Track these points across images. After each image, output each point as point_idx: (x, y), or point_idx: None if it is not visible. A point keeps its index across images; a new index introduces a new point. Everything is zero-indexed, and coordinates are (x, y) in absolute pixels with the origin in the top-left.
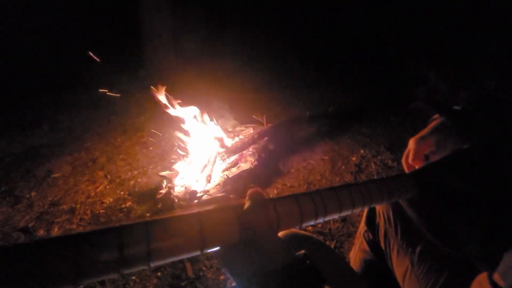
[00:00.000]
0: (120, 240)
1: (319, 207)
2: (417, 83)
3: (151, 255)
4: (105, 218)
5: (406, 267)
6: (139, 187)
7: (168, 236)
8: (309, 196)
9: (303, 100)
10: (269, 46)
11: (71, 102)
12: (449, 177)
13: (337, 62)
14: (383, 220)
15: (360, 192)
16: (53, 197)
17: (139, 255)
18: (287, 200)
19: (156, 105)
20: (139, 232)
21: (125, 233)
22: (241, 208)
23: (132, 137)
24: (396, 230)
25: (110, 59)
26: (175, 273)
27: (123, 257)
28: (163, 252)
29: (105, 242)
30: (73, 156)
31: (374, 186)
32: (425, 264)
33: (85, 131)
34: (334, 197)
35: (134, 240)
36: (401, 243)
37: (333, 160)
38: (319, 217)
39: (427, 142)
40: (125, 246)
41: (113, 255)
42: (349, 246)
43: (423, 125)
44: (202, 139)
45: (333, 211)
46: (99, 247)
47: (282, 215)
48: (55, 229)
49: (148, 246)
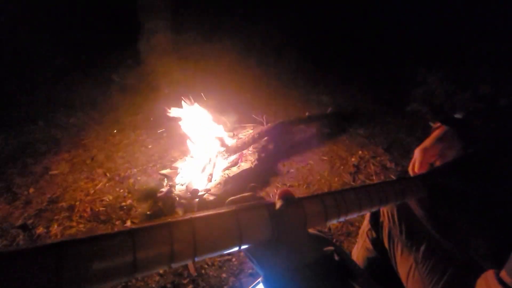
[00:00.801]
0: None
1: (341, 206)
2: (415, 86)
3: (196, 251)
4: (105, 216)
5: (410, 265)
6: (139, 185)
7: (209, 232)
8: (332, 196)
9: (302, 100)
10: (267, 45)
11: (67, 98)
12: (455, 179)
13: (336, 63)
14: (387, 219)
15: (377, 192)
16: (51, 194)
17: (185, 252)
18: (314, 199)
19: (154, 103)
20: (184, 227)
21: (173, 229)
22: (273, 207)
23: (131, 135)
24: (400, 229)
25: (107, 55)
26: (177, 270)
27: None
28: (205, 248)
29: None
30: (71, 153)
31: (389, 187)
32: (429, 263)
33: (82, 128)
34: (354, 197)
35: (181, 238)
36: (405, 242)
37: (332, 160)
38: (342, 215)
39: (432, 152)
40: (175, 242)
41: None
42: (348, 245)
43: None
44: (203, 138)
45: (354, 210)
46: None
47: (310, 214)
48: (55, 226)
49: (194, 240)
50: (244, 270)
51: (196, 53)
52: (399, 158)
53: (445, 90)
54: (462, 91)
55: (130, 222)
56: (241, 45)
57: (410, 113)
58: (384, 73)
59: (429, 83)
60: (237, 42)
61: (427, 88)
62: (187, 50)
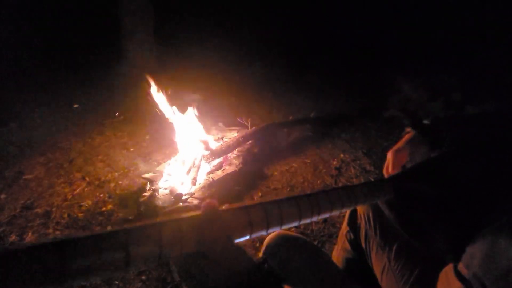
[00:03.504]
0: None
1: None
2: (392, 92)
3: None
4: (84, 222)
5: (384, 263)
6: (120, 189)
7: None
8: (261, 206)
9: (286, 104)
10: (252, 50)
11: (42, 98)
12: (420, 181)
13: (319, 69)
14: (364, 221)
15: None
16: (25, 200)
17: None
18: (238, 211)
19: (136, 105)
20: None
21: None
22: (198, 220)
23: (111, 138)
24: (375, 230)
25: (87, 55)
26: (160, 276)
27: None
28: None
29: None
30: (47, 157)
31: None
32: (400, 261)
33: (59, 130)
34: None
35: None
36: (379, 242)
37: (315, 163)
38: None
39: (402, 153)
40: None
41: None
42: (330, 246)
43: (397, 132)
44: (187, 141)
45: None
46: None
47: (233, 226)
48: (29, 234)
49: (127, 251)
50: None
51: (182, 57)
52: (378, 161)
53: (420, 97)
54: (435, 98)
55: (111, 228)
56: (227, 49)
57: (388, 118)
58: (363, 80)
59: (405, 91)
60: (223, 47)
61: (403, 95)
62: (172, 53)
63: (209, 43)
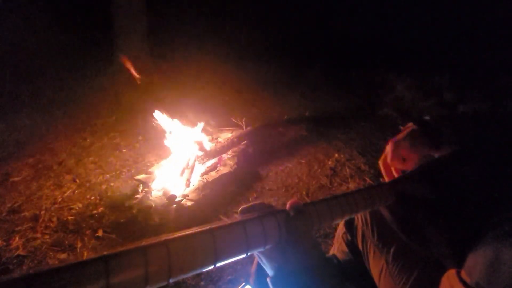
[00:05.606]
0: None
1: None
2: (386, 92)
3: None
4: (74, 225)
5: (381, 266)
6: (112, 191)
7: (184, 253)
8: (325, 202)
9: (281, 103)
10: (247, 50)
11: (32, 97)
12: (421, 186)
13: (313, 69)
14: (361, 223)
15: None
16: (12, 203)
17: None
18: (320, 204)
19: (129, 105)
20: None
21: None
22: (283, 215)
23: (103, 138)
24: (372, 232)
25: (79, 55)
26: None
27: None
28: (180, 269)
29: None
30: (36, 158)
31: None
32: (398, 263)
33: (49, 130)
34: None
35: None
36: (377, 244)
37: (310, 163)
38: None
39: (402, 145)
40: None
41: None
42: (325, 247)
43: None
44: (181, 142)
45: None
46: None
47: (316, 219)
48: (16, 239)
49: (169, 262)
50: (223, 277)
51: (176, 57)
52: (372, 160)
53: (412, 97)
54: (427, 97)
55: (102, 231)
56: (222, 49)
57: (382, 117)
58: (358, 80)
59: (398, 90)
60: (217, 47)
61: (397, 94)
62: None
63: (205, 43)
